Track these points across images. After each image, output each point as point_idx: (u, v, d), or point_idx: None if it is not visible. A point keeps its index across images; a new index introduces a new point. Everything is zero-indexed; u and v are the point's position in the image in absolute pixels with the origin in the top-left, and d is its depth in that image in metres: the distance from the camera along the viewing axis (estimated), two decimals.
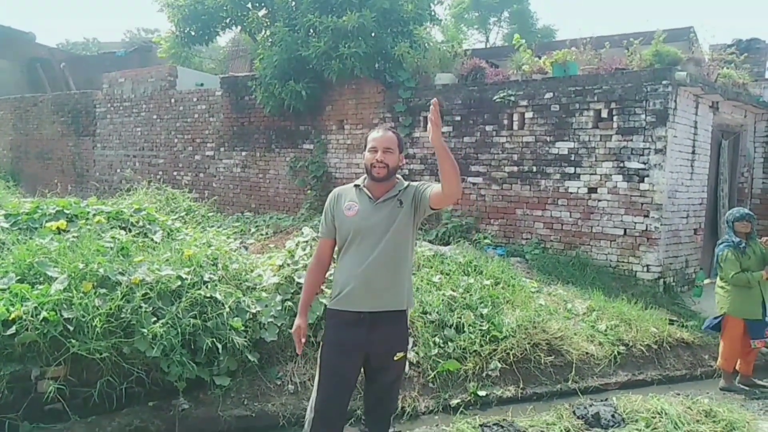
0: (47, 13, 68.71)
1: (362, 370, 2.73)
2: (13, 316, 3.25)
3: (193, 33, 11.05)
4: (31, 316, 3.27)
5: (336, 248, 2.78)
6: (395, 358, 2.66)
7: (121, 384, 3.48)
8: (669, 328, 5.56)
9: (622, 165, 6.97)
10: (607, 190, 7.08)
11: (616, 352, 5.08)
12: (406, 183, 2.76)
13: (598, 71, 7.31)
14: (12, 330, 3.23)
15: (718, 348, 5.16)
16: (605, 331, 5.34)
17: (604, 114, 7.09)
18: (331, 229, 2.74)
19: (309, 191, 9.60)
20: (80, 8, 69.72)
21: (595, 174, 7.16)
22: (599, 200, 7.15)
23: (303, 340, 2.72)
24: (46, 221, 4.75)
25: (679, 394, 4.38)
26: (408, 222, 2.66)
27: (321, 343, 2.79)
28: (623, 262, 6.99)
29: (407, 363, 2.83)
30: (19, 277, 3.63)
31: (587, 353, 5.00)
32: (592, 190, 7.21)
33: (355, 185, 2.75)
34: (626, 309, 5.71)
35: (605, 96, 7.06)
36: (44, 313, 3.28)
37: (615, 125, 7.00)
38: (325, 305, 2.88)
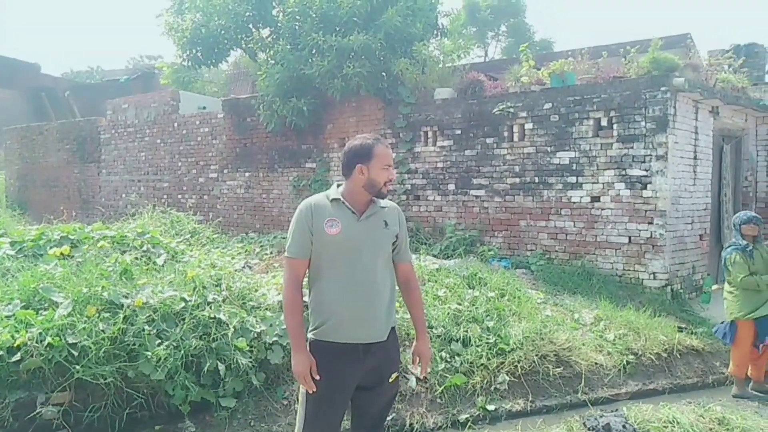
0: (53, 42, 69.90)
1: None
2: (18, 342, 3.26)
3: (200, 55, 11.15)
4: (36, 342, 3.28)
5: (309, 269, 2.48)
6: (390, 380, 2.48)
7: (125, 408, 3.46)
8: (678, 336, 5.50)
9: (624, 173, 6.96)
10: (610, 198, 7.06)
11: (625, 362, 5.03)
12: (382, 200, 2.55)
13: (596, 80, 7.34)
14: (17, 357, 3.24)
15: (729, 354, 5.10)
16: (614, 340, 5.29)
17: (604, 122, 7.10)
18: (309, 248, 2.41)
19: None
20: (84, 37, 70.96)
21: (598, 183, 7.15)
22: (602, 209, 7.13)
23: (317, 377, 2.35)
24: (51, 247, 4.81)
25: (690, 403, 4.30)
26: (390, 244, 2.52)
27: None
28: (629, 270, 6.94)
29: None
30: (24, 304, 3.66)
31: (596, 363, 4.95)
32: (594, 198, 7.19)
33: (333, 199, 2.43)
34: (634, 317, 5.66)
35: (604, 104, 7.08)
36: (49, 339, 3.29)
37: (615, 133, 7.00)
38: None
